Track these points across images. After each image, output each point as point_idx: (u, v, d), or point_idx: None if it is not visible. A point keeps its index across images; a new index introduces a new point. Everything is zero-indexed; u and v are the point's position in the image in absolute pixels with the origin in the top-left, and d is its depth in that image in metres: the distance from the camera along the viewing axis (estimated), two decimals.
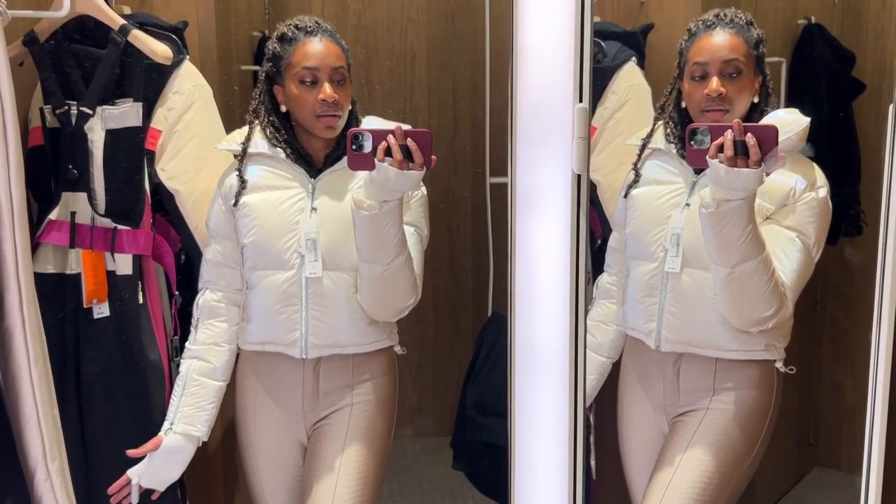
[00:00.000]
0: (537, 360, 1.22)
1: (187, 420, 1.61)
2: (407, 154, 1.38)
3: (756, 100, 1.54)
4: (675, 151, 1.60)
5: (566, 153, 1.13)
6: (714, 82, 1.49)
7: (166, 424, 1.62)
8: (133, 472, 1.61)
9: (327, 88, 1.52)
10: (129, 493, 1.61)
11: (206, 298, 1.65)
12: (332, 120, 1.54)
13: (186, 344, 1.66)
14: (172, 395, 1.64)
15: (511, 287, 1.22)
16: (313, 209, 1.56)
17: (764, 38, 1.55)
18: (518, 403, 1.22)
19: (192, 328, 1.66)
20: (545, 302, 1.20)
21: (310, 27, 1.55)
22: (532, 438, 1.26)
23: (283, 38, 1.56)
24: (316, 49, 1.53)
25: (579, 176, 1.14)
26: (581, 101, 1.12)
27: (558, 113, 1.13)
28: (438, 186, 2.76)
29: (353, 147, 1.40)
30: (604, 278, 1.77)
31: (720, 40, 1.51)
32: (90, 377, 1.68)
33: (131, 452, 1.60)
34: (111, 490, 1.61)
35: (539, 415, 1.24)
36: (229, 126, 1.76)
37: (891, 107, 1.35)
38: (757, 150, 1.31)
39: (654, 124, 1.66)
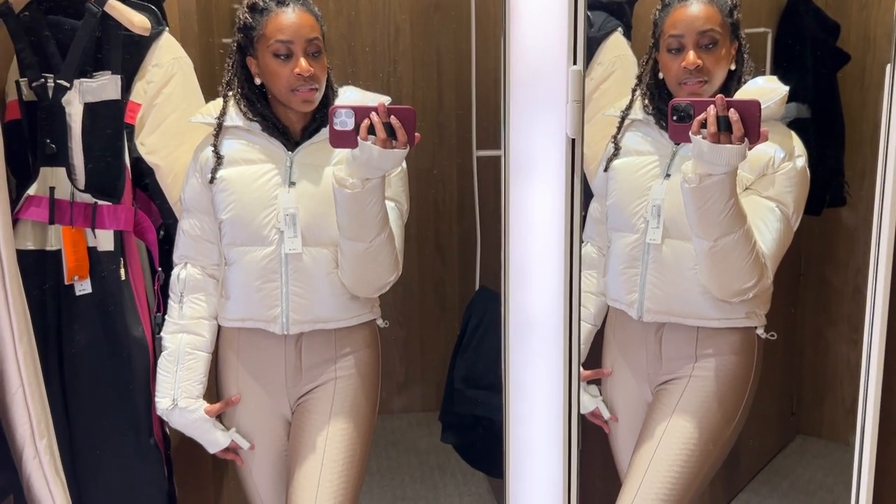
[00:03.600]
0: (532, 329, 1.21)
1: (188, 394, 1.61)
2: (391, 132, 1.35)
3: (733, 67, 1.54)
4: (653, 122, 1.60)
5: (560, 118, 1.12)
6: (691, 55, 1.49)
7: (167, 402, 1.61)
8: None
9: (303, 62, 1.48)
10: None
11: (188, 272, 1.63)
12: (310, 94, 1.51)
13: (168, 318, 1.64)
14: (162, 370, 1.63)
15: (505, 255, 1.21)
16: (291, 183, 1.54)
17: (738, 3, 1.54)
18: (512, 372, 1.22)
19: (173, 302, 1.64)
20: (539, 269, 1.19)
21: None
22: (526, 408, 1.26)
23: (254, 8, 1.52)
24: (289, 20, 1.49)
25: (574, 140, 1.13)
26: (575, 63, 1.10)
27: (552, 78, 1.11)
28: (424, 160, 2.75)
29: (336, 124, 1.37)
30: (586, 248, 1.77)
31: (695, 11, 1.50)
32: (73, 355, 1.66)
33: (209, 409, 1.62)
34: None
35: (534, 383, 1.24)
36: (210, 99, 1.73)
37: (888, 66, 1.35)
38: (740, 125, 1.31)
39: (633, 95, 1.65)
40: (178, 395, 1.61)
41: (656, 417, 1.58)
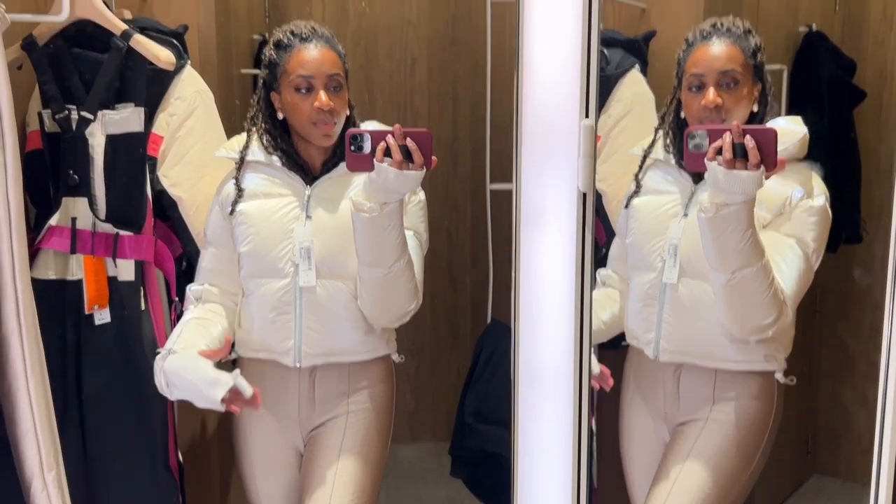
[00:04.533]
0: (541, 375, 1.21)
1: (186, 344, 1.52)
2: (406, 154, 1.36)
3: (755, 108, 1.53)
4: (674, 162, 1.60)
5: (572, 168, 1.12)
6: (710, 93, 1.48)
7: (162, 354, 1.52)
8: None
9: (322, 96, 1.50)
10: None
11: (204, 287, 1.62)
12: (328, 127, 1.53)
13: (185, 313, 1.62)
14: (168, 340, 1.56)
15: (515, 301, 1.21)
16: (308, 217, 1.55)
17: (762, 45, 1.54)
18: (521, 418, 1.21)
19: (189, 305, 1.62)
20: (550, 316, 1.18)
21: (305, 33, 1.54)
22: (535, 452, 1.25)
23: (278, 45, 1.55)
24: (311, 56, 1.51)
25: (585, 194, 1.13)
26: (587, 116, 1.11)
27: (564, 128, 1.12)
28: (438, 191, 2.76)
29: (352, 148, 1.38)
30: (607, 272, 1.76)
31: (716, 50, 1.50)
32: (91, 384, 1.67)
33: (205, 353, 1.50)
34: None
35: (542, 431, 1.23)
36: (230, 131, 1.75)
37: None
38: (756, 152, 1.29)
39: (655, 134, 1.66)
40: (175, 346, 1.52)
41: (672, 459, 1.56)
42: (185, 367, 1.49)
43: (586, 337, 1.16)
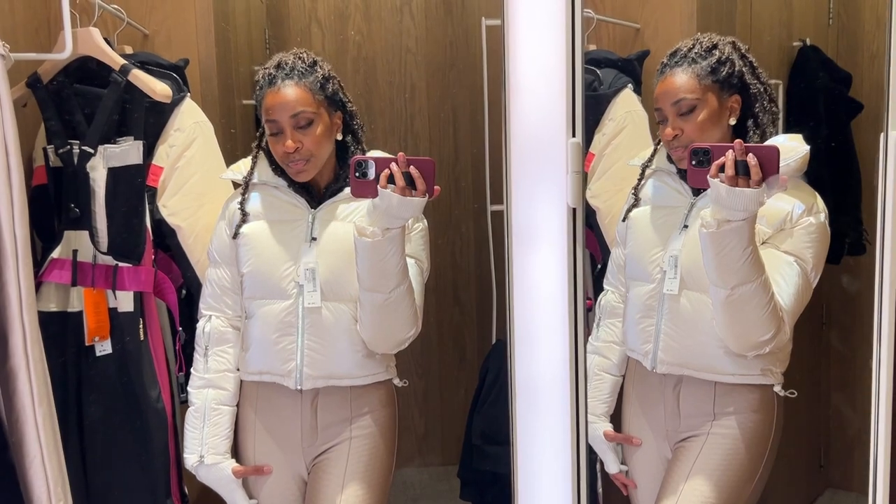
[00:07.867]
0: (538, 393, 1.21)
1: (215, 450, 1.62)
2: (410, 181, 1.39)
3: (732, 122, 1.52)
4: (674, 172, 1.61)
5: (562, 186, 1.14)
6: (667, 129, 1.50)
7: (194, 458, 1.62)
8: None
9: (289, 142, 1.52)
10: None
11: (213, 325, 1.64)
12: (299, 166, 1.54)
13: (194, 372, 1.65)
14: (189, 427, 1.63)
15: (510, 320, 1.22)
16: (313, 239, 1.57)
17: (729, 57, 1.51)
18: (520, 436, 1.22)
19: (198, 356, 1.65)
20: (545, 334, 1.19)
21: (272, 73, 1.55)
22: (535, 469, 1.25)
23: (259, 83, 1.57)
24: (274, 100, 1.53)
25: (574, 210, 1.15)
26: (574, 135, 1.13)
27: (553, 147, 1.14)
28: (441, 214, 2.77)
29: (357, 174, 1.41)
30: (608, 297, 1.76)
31: (669, 83, 1.51)
32: (92, 415, 1.68)
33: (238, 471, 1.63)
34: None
35: (542, 447, 1.23)
36: (230, 160, 1.77)
37: (881, 136, 1.36)
38: (758, 169, 1.30)
39: (656, 145, 1.66)
40: (205, 452, 1.61)
41: (675, 476, 1.55)
42: (213, 483, 1.64)
43: (581, 350, 1.17)
